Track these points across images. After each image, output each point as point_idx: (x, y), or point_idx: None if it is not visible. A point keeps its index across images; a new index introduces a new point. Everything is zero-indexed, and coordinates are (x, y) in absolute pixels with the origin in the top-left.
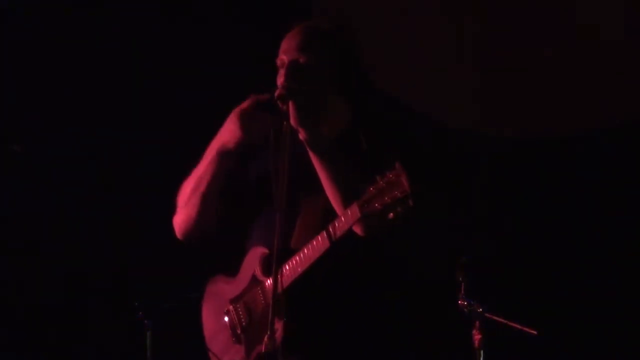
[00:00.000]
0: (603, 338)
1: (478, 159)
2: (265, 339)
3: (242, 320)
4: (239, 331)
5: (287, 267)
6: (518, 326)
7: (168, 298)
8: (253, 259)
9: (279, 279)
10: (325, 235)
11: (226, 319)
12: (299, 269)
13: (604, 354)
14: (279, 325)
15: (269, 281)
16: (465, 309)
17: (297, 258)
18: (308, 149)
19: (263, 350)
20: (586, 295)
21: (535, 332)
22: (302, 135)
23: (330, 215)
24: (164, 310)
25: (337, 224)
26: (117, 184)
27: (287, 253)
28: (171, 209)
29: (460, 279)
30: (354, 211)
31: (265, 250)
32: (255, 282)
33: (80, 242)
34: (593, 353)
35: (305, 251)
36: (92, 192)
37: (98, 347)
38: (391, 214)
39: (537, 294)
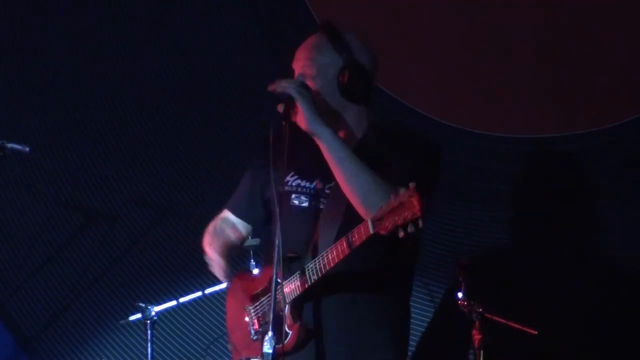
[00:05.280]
0: (603, 338)
1: (477, 157)
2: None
3: (260, 319)
4: (256, 329)
5: (305, 274)
6: (518, 326)
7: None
8: (273, 260)
9: (298, 284)
10: (340, 247)
11: (246, 316)
12: (315, 277)
13: (604, 354)
14: (293, 329)
15: (286, 287)
16: (465, 309)
17: (314, 265)
18: (323, 151)
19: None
20: (586, 294)
21: (535, 332)
22: (314, 137)
23: (352, 214)
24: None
25: (350, 239)
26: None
27: (305, 255)
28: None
29: (460, 279)
30: (366, 228)
31: (286, 253)
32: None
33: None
34: (593, 353)
35: (322, 260)
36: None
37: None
38: (402, 233)
39: (536, 294)
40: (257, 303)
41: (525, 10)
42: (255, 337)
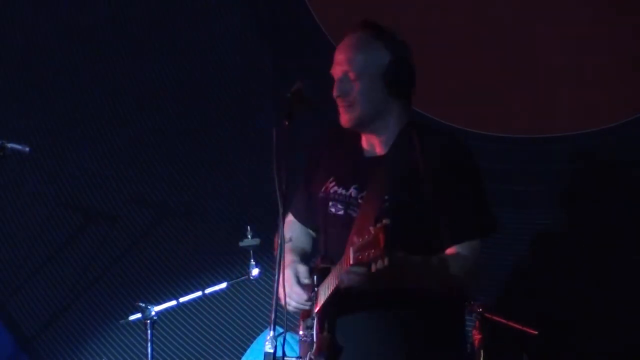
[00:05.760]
0: (603, 338)
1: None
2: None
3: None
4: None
5: (322, 286)
6: (518, 326)
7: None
8: (315, 267)
9: (318, 296)
10: (332, 276)
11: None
12: (328, 292)
13: (604, 354)
14: (318, 339)
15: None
16: (465, 309)
17: (328, 280)
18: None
19: None
20: (586, 294)
21: (535, 332)
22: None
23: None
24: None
25: (341, 265)
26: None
27: (327, 267)
28: (171, 210)
29: None
30: (348, 259)
31: (317, 262)
32: (313, 290)
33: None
34: (593, 353)
35: (327, 284)
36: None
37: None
38: (373, 266)
39: (536, 294)
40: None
41: (525, 10)
42: (303, 338)
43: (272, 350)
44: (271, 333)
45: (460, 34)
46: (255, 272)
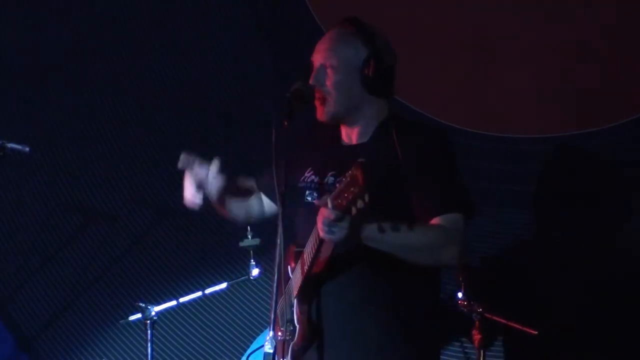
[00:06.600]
0: (603, 338)
1: (476, 157)
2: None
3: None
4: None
5: (298, 266)
6: (518, 326)
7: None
8: (288, 255)
9: (299, 274)
10: (315, 233)
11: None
12: (305, 268)
13: (604, 354)
14: (299, 322)
15: (293, 279)
16: (465, 309)
17: (303, 257)
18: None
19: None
20: (586, 294)
21: (535, 332)
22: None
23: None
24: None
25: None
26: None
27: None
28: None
29: (460, 279)
30: (327, 205)
31: (294, 248)
32: (288, 277)
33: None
34: (593, 353)
35: (307, 251)
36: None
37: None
38: (353, 209)
39: (536, 294)
40: (284, 296)
41: (525, 11)
42: (280, 337)
43: (271, 351)
44: (271, 333)
45: (462, 34)
46: (255, 272)
